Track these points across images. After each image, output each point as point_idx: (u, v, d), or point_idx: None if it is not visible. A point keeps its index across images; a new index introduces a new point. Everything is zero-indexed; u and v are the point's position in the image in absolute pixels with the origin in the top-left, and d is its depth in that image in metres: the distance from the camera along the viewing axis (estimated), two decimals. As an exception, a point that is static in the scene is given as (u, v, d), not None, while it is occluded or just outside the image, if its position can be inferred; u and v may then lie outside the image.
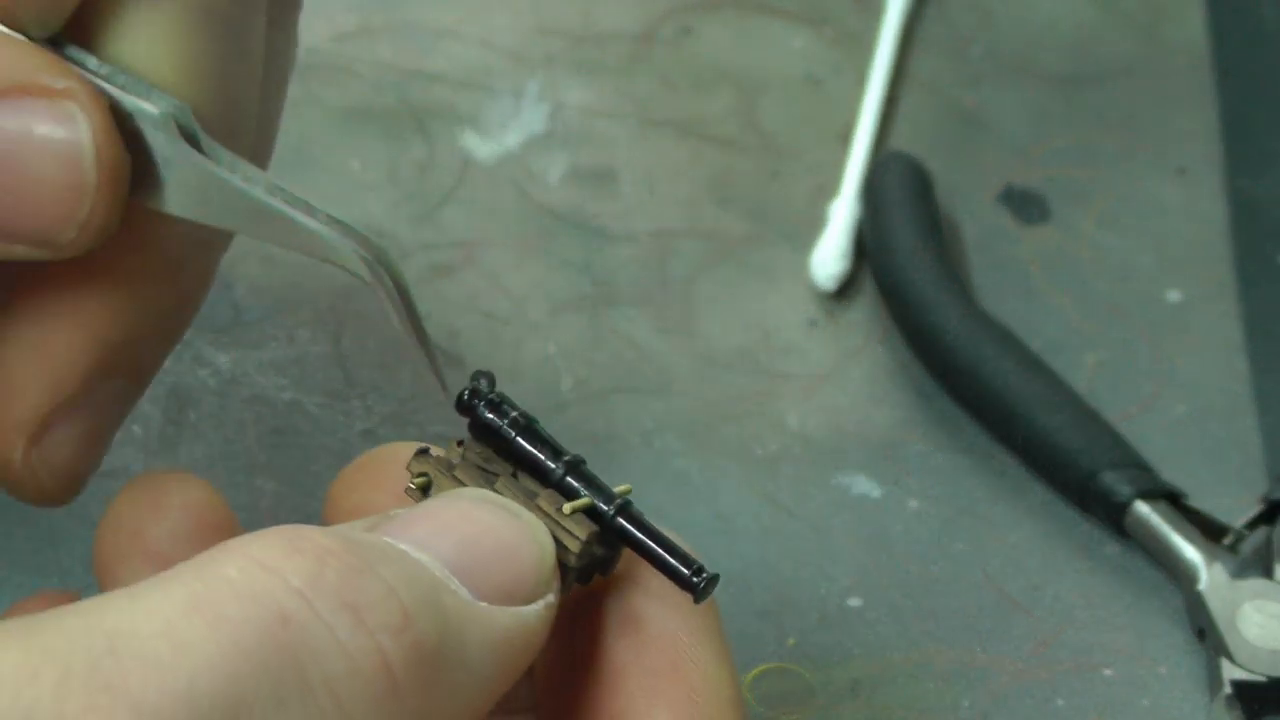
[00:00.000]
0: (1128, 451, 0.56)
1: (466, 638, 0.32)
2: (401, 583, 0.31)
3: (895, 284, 0.60)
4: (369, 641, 0.30)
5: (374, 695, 0.30)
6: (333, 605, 0.30)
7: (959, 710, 0.51)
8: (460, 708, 0.32)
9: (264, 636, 0.29)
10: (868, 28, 0.70)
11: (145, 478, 0.38)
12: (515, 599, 0.33)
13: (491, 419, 0.36)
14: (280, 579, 0.30)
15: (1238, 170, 0.67)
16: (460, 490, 0.35)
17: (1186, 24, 0.72)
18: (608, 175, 0.65)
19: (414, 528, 0.33)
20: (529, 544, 0.34)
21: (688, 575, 0.36)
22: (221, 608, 0.29)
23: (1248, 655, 0.51)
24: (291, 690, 0.29)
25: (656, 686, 0.35)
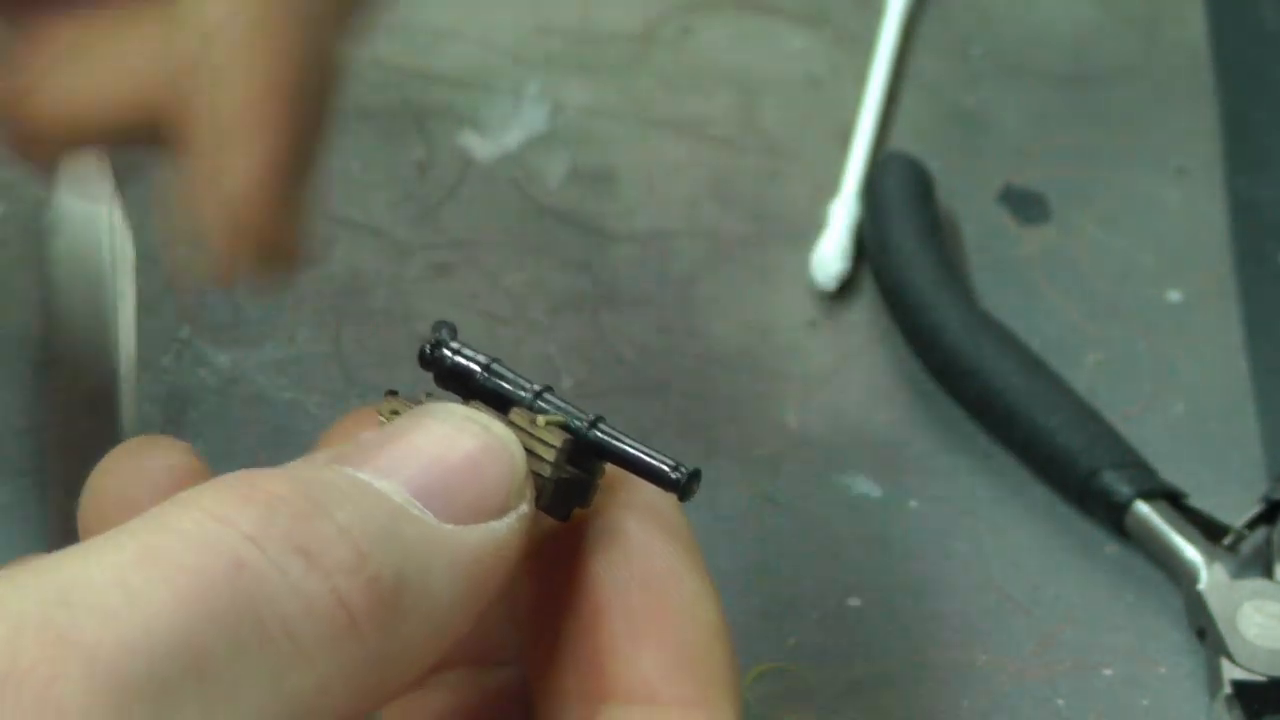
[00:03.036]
0: (1128, 451, 0.56)
1: (431, 564, 0.32)
2: (355, 520, 0.31)
3: (895, 284, 0.60)
4: (323, 583, 0.30)
5: (333, 635, 0.30)
6: (284, 549, 0.30)
7: (959, 710, 0.51)
8: (430, 634, 0.32)
9: (218, 583, 0.29)
10: (868, 28, 0.70)
11: (128, 444, 0.37)
12: (485, 514, 0.33)
13: (458, 362, 0.36)
14: (232, 527, 0.30)
15: (1238, 170, 0.67)
16: (426, 406, 0.35)
17: (1186, 24, 0.72)
18: (608, 175, 0.65)
19: (377, 454, 0.33)
20: (497, 455, 0.34)
21: (668, 473, 0.36)
22: (174, 557, 0.29)
23: (1248, 655, 0.51)
24: (249, 635, 0.29)
25: (640, 625, 0.35)
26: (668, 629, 0.35)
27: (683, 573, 0.36)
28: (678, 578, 0.36)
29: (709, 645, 0.35)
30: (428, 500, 0.32)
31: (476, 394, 0.36)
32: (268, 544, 0.30)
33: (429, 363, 0.37)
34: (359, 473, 0.32)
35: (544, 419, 0.35)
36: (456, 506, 0.33)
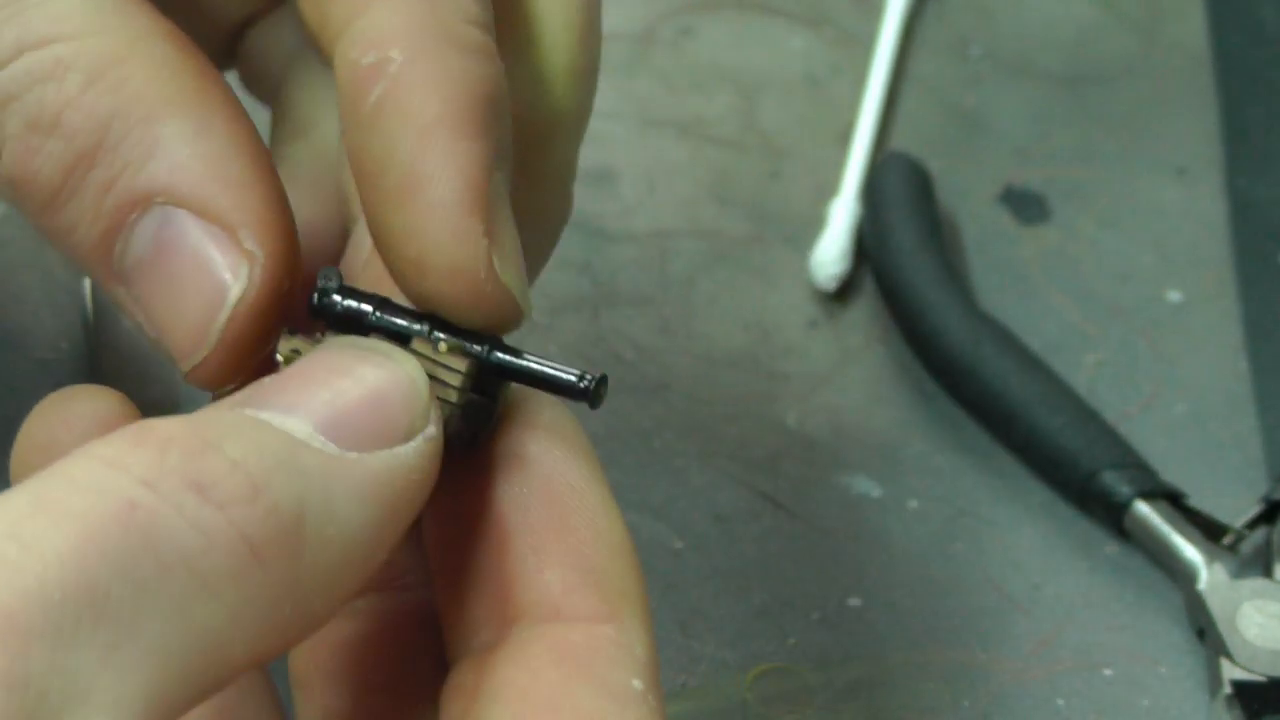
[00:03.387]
0: (1128, 451, 0.56)
1: (334, 492, 0.32)
2: (250, 453, 0.31)
3: (895, 284, 0.60)
4: (218, 516, 0.30)
5: (236, 567, 0.30)
6: (177, 487, 0.30)
7: (959, 710, 0.51)
8: (341, 560, 0.32)
9: (111, 524, 0.29)
10: (868, 28, 0.70)
11: (59, 392, 0.38)
12: (390, 439, 0.33)
13: (349, 306, 0.36)
14: (124, 470, 0.30)
15: (1238, 170, 0.67)
16: (327, 342, 0.35)
17: (1186, 24, 0.72)
18: (608, 175, 0.65)
19: (279, 393, 0.33)
20: (399, 382, 0.34)
21: (575, 383, 0.36)
22: (63, 504, 0.29)
23: (1248, 655, 0.51)
24: (148, 571, 0.29)
25: (544, 544, 0.35)
26: (570, 545, 0.35)
27: (584, 488, 0.35)
28: (579, 494, 0.35)
29: (613, 559, 0.35)
30: (332, 432, 0.32)
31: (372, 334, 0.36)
32: (160, 483, 0.30)
33: (319, 310, 0.36)
34: (261, 413, 0.32)
35: (445, 345, 0.35)
36: (361, 436, 0.33)
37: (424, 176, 0.34)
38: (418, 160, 0.34)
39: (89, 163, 0.36)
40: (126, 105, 0.36)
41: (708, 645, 0.52)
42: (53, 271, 0.58)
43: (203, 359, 0.36)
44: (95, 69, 0.36)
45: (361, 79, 0.35)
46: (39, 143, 0.36)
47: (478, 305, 0.35)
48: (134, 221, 0.36)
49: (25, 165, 0.36)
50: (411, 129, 0.34)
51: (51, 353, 0.56)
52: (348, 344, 0.35)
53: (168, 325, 0.36)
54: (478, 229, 0.34)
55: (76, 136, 0.35)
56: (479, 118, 0.35)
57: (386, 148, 0.35)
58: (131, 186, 0.36)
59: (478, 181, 0.35)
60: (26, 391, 0.55)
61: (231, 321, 0.35)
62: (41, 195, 0.36)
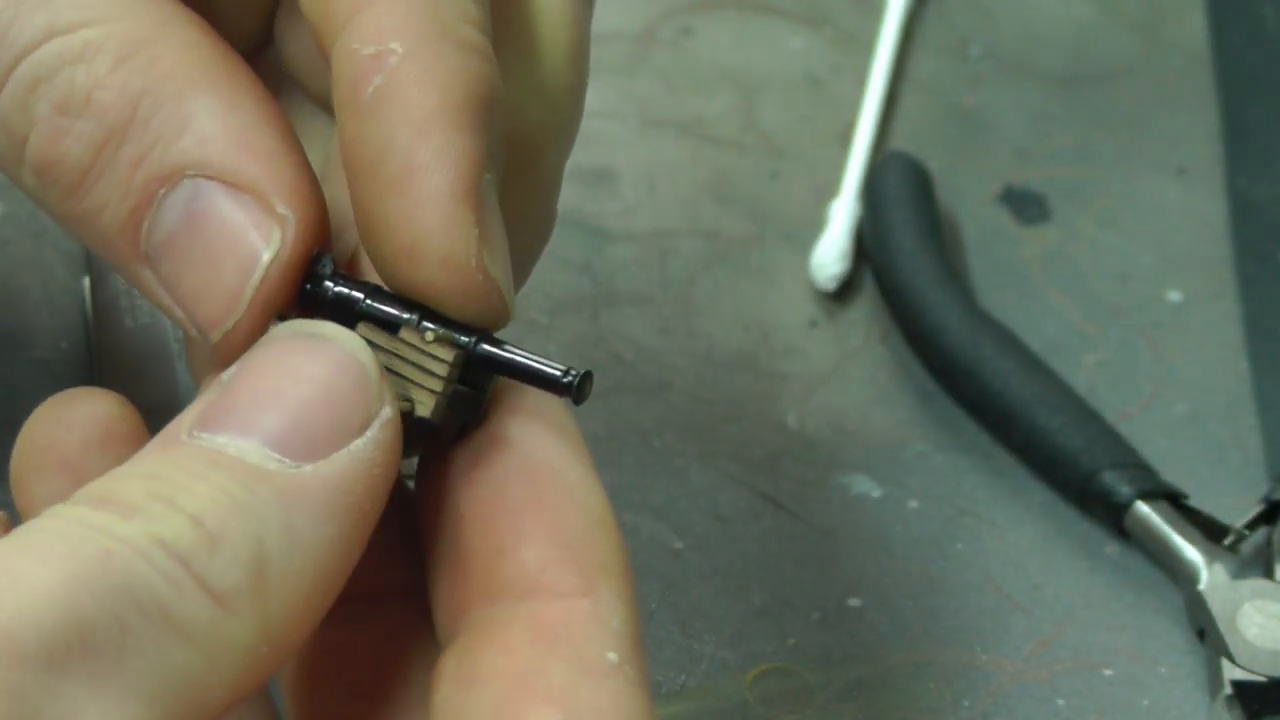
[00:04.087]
0: (1128, 451, 0.56)
1: (294, 522, 0.32)
2: (205, 504, 0.32)
3: (895, 284, 0.60)
4: (182, 569, 0.31)
5: (205, 617, 0.31)
6: (143, 541, 0.31)
7: (959, 710, 0.51)
8: (312, 582, 0.32)
9: (93, 567, 0.30)
10: (868, 28, 0.70)
11: (57, 396, 0.38)
12: (347, 434, 0.33)
13: (340, 293, 0.36)
14: (93, 528, 0.31)
15: (1238, 170, 0.67)
16: (268, 335, 0.35)
17: (1186, 24, 0.72)
18: (608, 175, 0.65)
19: (231, 410, 0.33)
20: (346, 368, 0.34)
21: (559, 377, 0.36)
22: (47, 544, 0.30)
23: (1248, 655, 0.51)
24: (129, 613, 0.30)
25: (522, 522, 0.35)
26: (548, 520, 0.35)
27: (562, 465, 0.35)
28: (557, 471, 0.35)
29: (591, 533, 0.35)
30: (286, 447, 0.33)
31: (362, 321, 0.36)
32: (127, 539, 0.31)
33: (310, 298, 0.36)
34: (217, 437, 0.33)
35: (433, 334, 0.35)
36: (317, 441, 0.33)
37: (419, 167, 0.35)
38: (414, 151, 0.35)
39: (120, 139, 0.36)
40: (157, 83, 0.36)
41: (708, 645, 0.52)
42: (53, 271, 0.58)
43: (234, 324, 0.36)
44: (124, 50, 0.36)
45: (361, 69, 0.35)
46: (68, 124, 0.36)
47: (466, 295, 0.35)
48: (163, 197, 0.36)
49: (54, 147, 0.36)
50: (409, 120, 0.35)
51: (51, 353, 0.56)
52: (288, 336, 0.35)
53: (199, 296, 0.36)
54: (469, 219, 0.35)
55: (108, 114, 0.36)
56: (476, 115, 0.35)
57: (383, 138, 0.35)
58: (163, 160, 0.36)
59: (472, 175, 0.35)
60: (26, 391, 0.55)
61: (264, 284, 0.36)
62: (70, 177, 0.36)
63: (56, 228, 0.59)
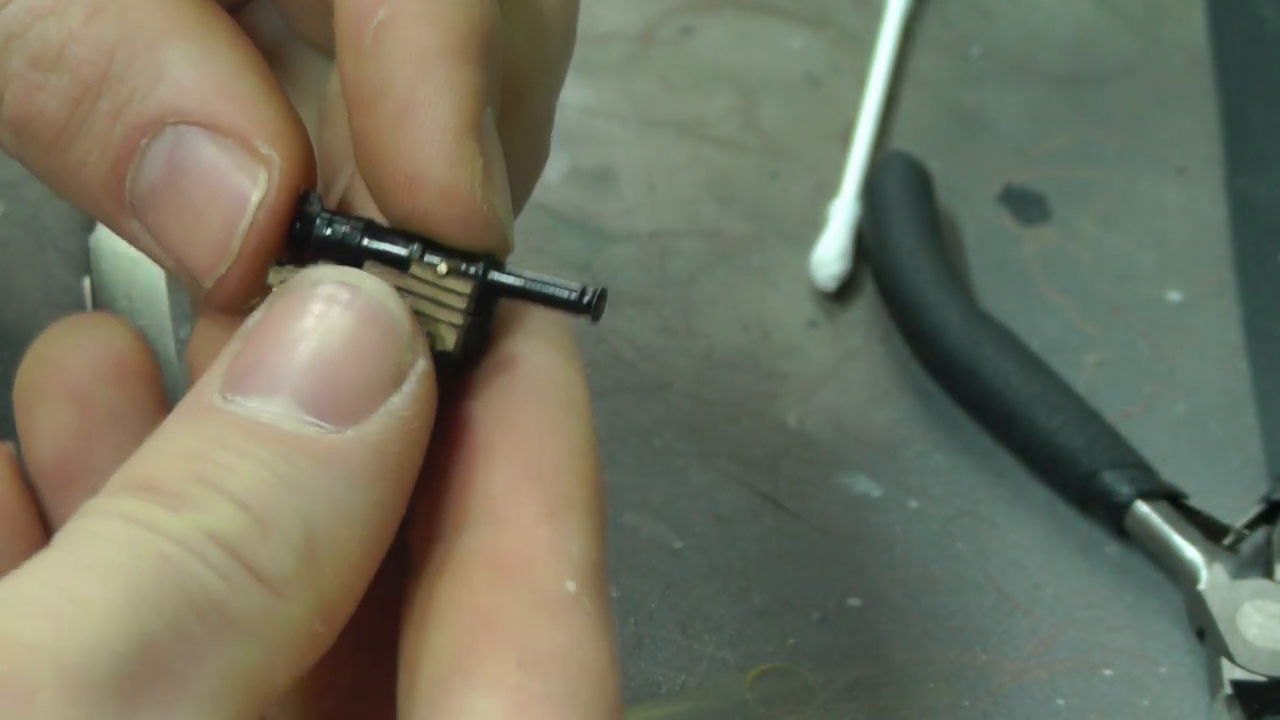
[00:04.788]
0: (1128, 451, 0.56)
1: (337, 492, 0.32)
2: (249, 484, 0.31)
3: (895, 284, 0.60)
4: (234, 561, 0.30)
5: (262, 606, 0.31)
6: (195, 537, 0.30)
7: (959, 710, 0.51)
8: (360, 555, 0.32)
9: (153, 577, 0.29)
10: (868, 28, 0.70)
11: (69, 319, 0.38)
12: (382, 392, 0.33)
13: (334, 232, 0.36)
14: (144, 527, 0.30)
15: (1238, 170, 0.67)
16: (291, 284, 0.34)
17: (1186, 24, 0.72)
18: (608, 175, 0.65)
19: (257, 368, 0.33)
20: (376, 319, 0.33)
21: (576, 298, 0.35)
22: (104, 558, 0.30)
23: (1248, 655, 0.51)
24: (188, 621, 0.30)
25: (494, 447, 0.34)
26: (519, 447, 0.34)
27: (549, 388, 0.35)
28: (541, 394, 0.34)
29: (565, 462, 0.34)
30: (319, 408, 0.32)
31: (362, 258, 0.35)
32: (180, 536, 0.30)
33: (302, 240, 0.36)
34: (248, 400, 0.32)
35: (446, 267, 0.35)
36: (351, 400, 0.33)
37: (423, 100, 0.34)
38: (418, 85, 0.34)
39: (95, 93, 0.35)
40: (130, 33, 0.35)
41: (708, 645, 0.52)
42: (53, 271, 0.58)
43: (227, 270, 0.35)
44: (95, 2, 0.35)
45: (364, 5, 0.35)
46: (43, 79, 0.35)
47: (469, 225, 0.35)
48: (145, 147, 0.35)
49: (30, 103, 0.36)
50: (412, 55, 0.34)
51: (51, 353, 0.56)
52: (312, 286, 0.34)
53: (188, 244, 0.36)
54: (474, 150, 0.35)
55: (81, 68, 0.35)
56: (478, 50, 0.35)
57: (386, 73, 0.35)
58: (141, 111, 0.35)
59: (475, 109, 0.35)
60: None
61: (254, 227, 0.35)
62: (48, 133, 0.36)
63: (56, 228, 0.59)
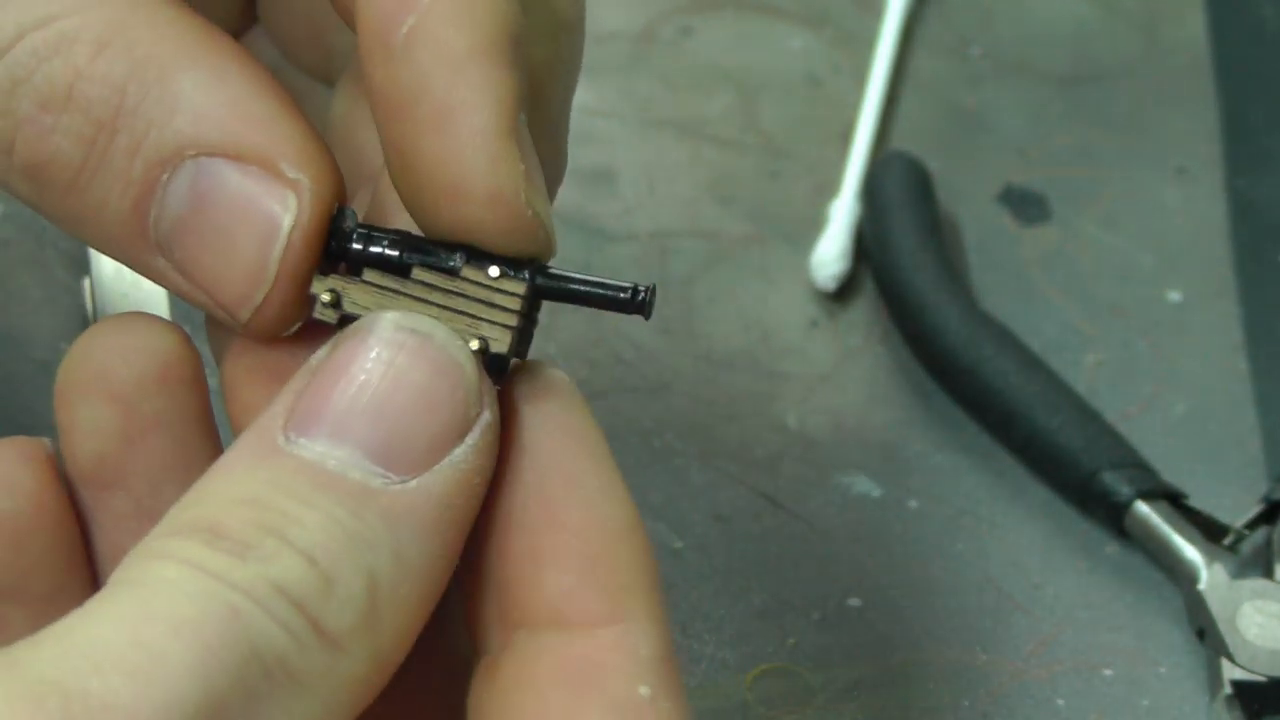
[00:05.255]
0: (1128, 451, 0.56)
1: (402, 545, 0.32)
2: (317, 539, 0.31)
3: (895, 284, 0.60)
4: (300, 615, 0.30)
5: (323, 660, 0.30)
6: (263, 589, 0.30)
7: (959, 710, 0.51)
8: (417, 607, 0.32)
9: (223, 633, 0.29)
10: (868, 28, 0.70)
11: (116, 317, 0.37)
12: (449, 443, 0.33)
13: (375, 252, 0.35)
14: (213, 577, 0.30)
15: (1238, 170, 0.67)
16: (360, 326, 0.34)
17: (1186, 24, 0.72)
18: (608, 175, 0.65)
19: (323, 412, 0.32)
20: (447, 372, 0.33)
21: (628, 298, 0.35)
22: (177, 611, 0.29)
23: (1248, 655, 0.51)
24: (255, 678, 0.29)
25: (540, 542, 0.34)
26: (567, 540, 0.34)
27: (582, 473, 0.34)
28: (575, 480, 0.34)
29: (614, 550, 0.34)
30: (386, 458, 0.32)
31: (408, 269, 0.35)
32: (248, 588, 0.30)
33: (339, 257, 0.35)
34: (315, 444, 0.32)
35: (498, 270, 0.35)
36: (419, 451, 0.32)
37: (460, 104, 0.34)
38: (453, 89, 0.34)
39: (110, 130, 0.35)
40: (140, 66, 0.35)
41: (708, 645, 0.52)
42: (53, 271, 0.58)
43: (263, 299, 0.35)
44: (101, 37, 0.35)
45: (391, 11, 0.34)
46: (54, 120, 0.35)
47: (515, 229, 0.35)
48: (166, 182, 0.35)
49: (43, 147, 0.35)
50: (445, 59, 0.34)
51: (51, 353, 0.56)
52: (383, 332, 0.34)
53: (220, 276, 0.35)
54: (515, 154, 0.34)
55: (93, 106, 0.34)
56: (509, 51, 0.35)
57: (419, 78, 0.34)
58: (160, 144, 0.35)
59: (512, 111, 0.34)
60: (26, 391, 0.55)
61: (289, 251, 0.35)
62: (64, 176, 0.35)
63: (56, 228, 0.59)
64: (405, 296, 0.35)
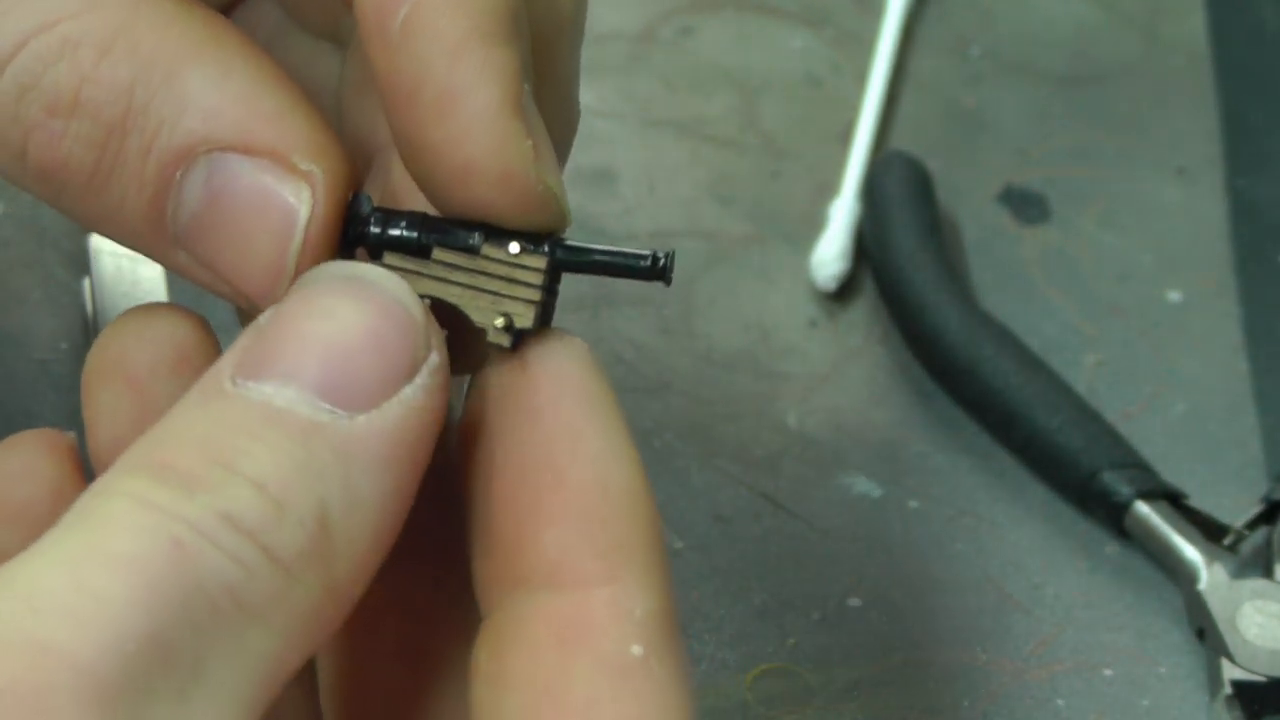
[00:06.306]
0: (1128, 451, 0.56)
1: (352, 477, 0.32)
2: (266, 467, 0.31)
3: (895, 284, 0.60)
4: (250, 543, 0.30)
5: (274, 589, 0.30)
6: (210, 520, 0.30)
7: (959, 710, 0.51)
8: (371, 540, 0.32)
9: (166, 566, 0.29)
10: (868, 28, 0.70)
11: (140, 307, 0.37)
12: (395, 382, 0.33)
13: (392, 235, 0.36)
14: (159, 510, 0.30)
15: (1238, 170, 0.67)
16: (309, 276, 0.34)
17: (1186, 24, 0.72)
18: (608, 175, 0.65)
19: (274, 356, 0.33)
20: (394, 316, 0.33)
21: (648, 266, 0.36)
22: (119, 548, 0.29)
23: (1248, 655, 0.51)
24: (202, 612, 0.29)
25: (542, 502, 0.34)
26: (568, 498, 0.33)
27: (588, 432, 0.34)
28: (581, 439, 0.34)
29: (614, 510, 0.33)
30: (335, 395, 0.32)
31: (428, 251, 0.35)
32: (194, 520, 0.30)
33: (358, 243, 0.36)
34: (263, 385, 0.32)
35: (519, 246, 0.35)
36: (367, 389, 0.32)
37: (463, 86, 0.34)
38: (454, 72, 0.34)
39: (121, 132, 0.35)
40: (145, 66, 0.35)
41: (708, 645, 0.52)
42: (53, 271, 0.58)
43: (285, 290, 0.35)
44: (104, 40, 0.35)
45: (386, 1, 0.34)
46: (63, 125, 0.35)
47: (528, 205, 0.35)
48: (180, 179, 0.35)
49: (54, 152, 0.35)
50: (443, 43, 0.34)
51: (51, 353, 0.56)
52: (330, 280, 0.34)
53: (240, 269, 0.35)
54: (521, 131, 0.34)
55: (102, 110, 0.35)
56: (507, 28, 0.35)
57: (420, 63, 0.34)
58: (171, 144, 0.35)
59: (515, 88, 0.34)
60: (26, 391, 0.55)
61: (306, 243, 0.35)
62: (78, 179, 0.35)
63: (56, 228, 0.59)
64: (427, 278, 0.35)
